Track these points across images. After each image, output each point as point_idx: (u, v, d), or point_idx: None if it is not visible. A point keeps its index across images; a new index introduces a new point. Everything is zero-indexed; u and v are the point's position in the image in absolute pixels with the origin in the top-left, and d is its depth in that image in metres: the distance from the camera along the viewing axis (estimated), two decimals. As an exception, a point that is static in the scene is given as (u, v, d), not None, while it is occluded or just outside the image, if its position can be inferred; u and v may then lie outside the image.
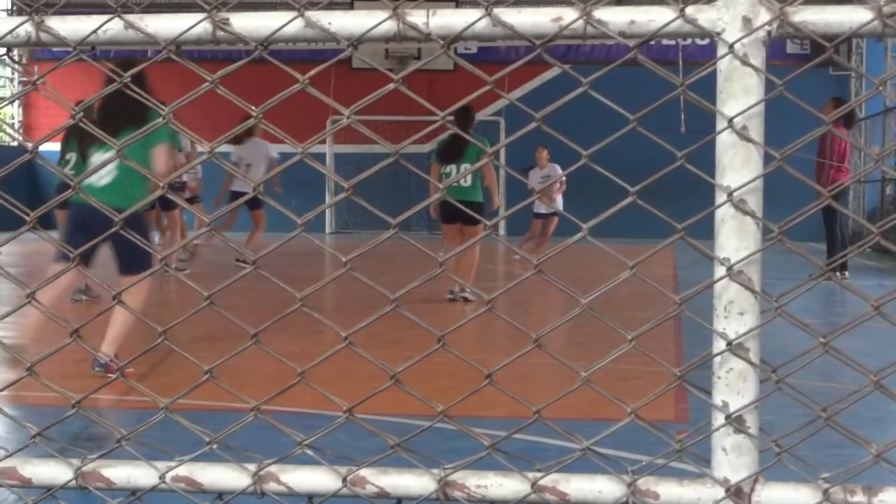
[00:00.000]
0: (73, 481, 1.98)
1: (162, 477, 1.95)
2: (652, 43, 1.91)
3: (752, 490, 1.80)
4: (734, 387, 1.78)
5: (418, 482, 1.90)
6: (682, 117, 20.67)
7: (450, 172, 11.89)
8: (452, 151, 12.02)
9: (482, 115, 23.76)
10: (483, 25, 1.79)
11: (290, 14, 1.83)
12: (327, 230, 25.26)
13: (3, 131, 18.33)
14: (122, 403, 6.22)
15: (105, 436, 5.24)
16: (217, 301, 1.97)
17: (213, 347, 8.18)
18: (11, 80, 26.93)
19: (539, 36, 1.79)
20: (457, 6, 19.38)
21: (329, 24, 1.83)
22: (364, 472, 1.92)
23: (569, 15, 1.77)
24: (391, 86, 1.90)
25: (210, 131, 10.66)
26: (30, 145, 2.01)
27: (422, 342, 7.26)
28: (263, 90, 5.43)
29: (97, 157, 7.66)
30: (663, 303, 10.72)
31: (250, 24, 1.86)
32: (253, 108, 1.89)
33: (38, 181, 23.90)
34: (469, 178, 11.90)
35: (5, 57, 2.04)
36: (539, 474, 1.87)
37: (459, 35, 1.81)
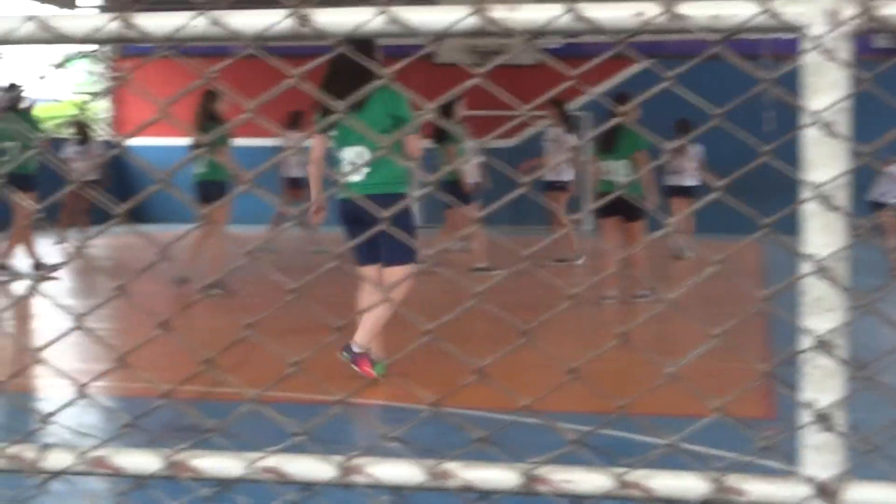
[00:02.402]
0: (163, 470, 2.02)
1: (250, 467, 1.97)
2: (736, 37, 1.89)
3: (841, 488, 1.78)
4: (821, 384, 1.76)
5: (503, 476, 1.90)
6: (766, 114, 20.37)
7: (606, 167, 11.08)
8: (602, 142, 11.09)
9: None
10: (564, 21, 1.79)
11: (374, 10, 1.84)
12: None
13: (95, 126, 18.67)
14: (211, 395, 6.30)
15: (196, 426, 5.31)
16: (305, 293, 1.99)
17: (302, 340, 8.24)
18: (102, 76, 27.40)
19: (621, 31, 1.78)
20: (539, 1, 19.34)
21: (412, 19, 1.84)
22: (449, 466, 1.92)
23: (651, 9, 1.76)
24: (473, 80, 1.90)
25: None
26: (117, 140, 2.04)
27: (506, 337, 7.26)
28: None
29: (348, 153, 7.06)
30: (753, 299, 10.60)
31: (334, 19, 1.87)
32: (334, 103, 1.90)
33: (125, 174, 24.03)
34: (624, 171, 10.92)
35: (95, 53, 2.07)
36: (625, 470, 1.86)
37: (541, 30, 1.81)
